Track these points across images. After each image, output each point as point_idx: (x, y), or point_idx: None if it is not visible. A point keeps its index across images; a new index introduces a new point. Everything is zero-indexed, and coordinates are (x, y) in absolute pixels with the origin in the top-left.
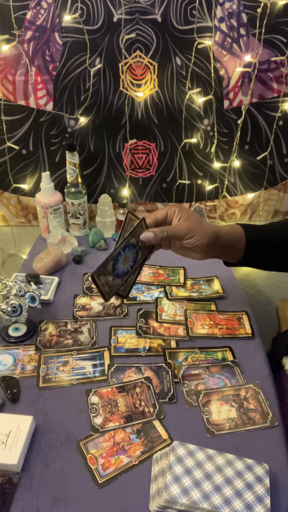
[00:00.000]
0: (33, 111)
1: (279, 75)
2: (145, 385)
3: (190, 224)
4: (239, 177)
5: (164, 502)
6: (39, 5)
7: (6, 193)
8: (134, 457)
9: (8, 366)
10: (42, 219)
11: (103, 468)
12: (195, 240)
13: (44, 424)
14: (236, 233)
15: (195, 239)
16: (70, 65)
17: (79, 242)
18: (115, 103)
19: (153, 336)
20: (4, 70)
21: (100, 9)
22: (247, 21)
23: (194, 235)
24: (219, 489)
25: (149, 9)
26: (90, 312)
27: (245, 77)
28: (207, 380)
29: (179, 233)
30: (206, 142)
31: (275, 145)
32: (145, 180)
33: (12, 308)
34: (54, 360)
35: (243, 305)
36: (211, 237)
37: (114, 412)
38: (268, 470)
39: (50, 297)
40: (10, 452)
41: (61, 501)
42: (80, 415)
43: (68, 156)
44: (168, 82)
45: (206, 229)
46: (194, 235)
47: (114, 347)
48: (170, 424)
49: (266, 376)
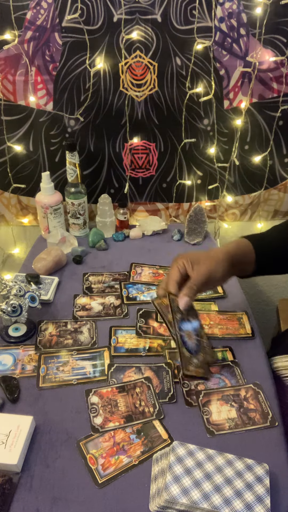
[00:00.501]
0: (33, 111)
1: (279, 75)
2: (145, 385)
3: (203, 265)
4: (239, 177)
5: (164, 502)
6: (39, 5)
7: (6, 193)
8: (134, 457)
9: (8, 366)
10: (42, 219)
11: (103, 468)
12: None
13: (44, 424)
14: (244, 246)
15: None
16: (70, 65)
17: (79, 242)
18: (115, 103)
19: (153, 336)
20: (4, 70)
21: (100, 9)
22: (247, 21)
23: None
24: (219, 489)
25: (149, 9)
26: (90, 312)
27: (245, 77)
28: (207, 380)
29: (203, 280)
30: (206, 142)
31: (275, 145)
32: (145, 180)
33: (12, 308)
34: (54, 360)
35: (243, 305)
36: (226, 262)
37: (114, 412)
38: (268, 470)
39: (50, 297)
40: (10, 452)
41: (61, 501)
42: (80, 415)
43: (68, 156)
44: (168, 82)
45: (218, 259)
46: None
47: (114, 347)
48: (170, 424)
49: (266, 376)
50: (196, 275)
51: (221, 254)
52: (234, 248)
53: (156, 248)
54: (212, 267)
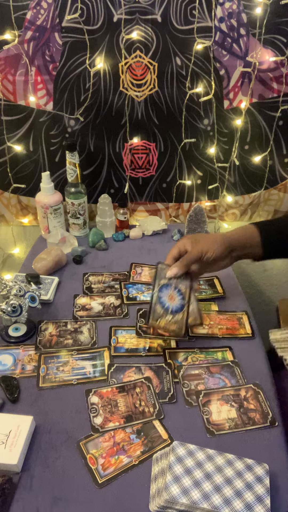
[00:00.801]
0: (33, 111)
1: (279, 75)
2: (145, 385)
3: (200, 244)
4: (239, 177)
5: (164, 502)
6: (39, 5)
7: (6, 193)
8: (134, 457)
9: (8, 366)
10: (42, 219)
11: (103, 468)
12: (212, 253)
13: (44, 424)
14: (249, 231)
15: (210, 253)
16: (70, 65)
17: (79, 242)
18: (115, 103)
19: (153, 336)
20: (4, 70)
21: (100, 9)
22: (247, 21)
23: (208, 250)
24: (219, 489)
25: (149, 9)
26: (90, 312)
27: (245, 77)
28: (207, 380)
29: (196, 256)
30: (206, 142)
31: (275, 145)
32: (145, 180)
33: (12, 308)
34: (54, 360)
35: (243, 305)
36: (223, 244)
37: (114, 412)
38: (268, 470)
39: (50, 297)
40: (10, 452)
41: (61, 501)
42: (80, 415)
43: (68, 156)
44: (168, 82)
45: (215, 240)
46: (208, 250)
47: (114, 347)
48: (170, 424)
49: (266, 376)
50: (190, 251)
51: (219, 236)
52: (236, 232)
53: (156, 248)
54: (206, 246)
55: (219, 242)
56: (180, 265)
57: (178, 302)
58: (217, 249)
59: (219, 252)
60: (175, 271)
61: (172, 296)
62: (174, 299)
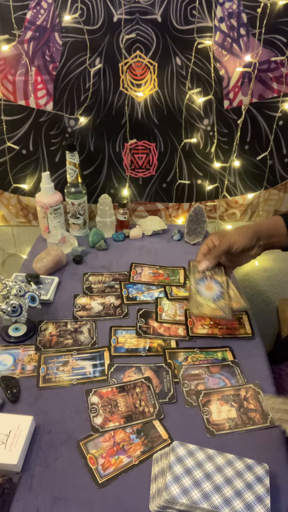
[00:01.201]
0: (33, 111)
1: (279, 75)
2: (145, 385)
3: (227, 237)
4: (239, 177)
5: (164, 502)
6: (39, 5)
7: (6, 193)
8: (134, 457)
9: (8, 366)
10: (42, 219)
11: (103, 468)
12: (240, 244)
13: (44, 424)
14: (275, 220)
15: (239, 244)
16: (70, 65)
17: (79, 242)
18: (115, 103)
19: (153, 336)
20: (4, 70)
21: (100, 9)
22: (247, 21)
23: (235, 241)
24: (219, 489)
25: (149, 9)
26: (90, 312)
27: (245, 77)
28: (207, 380)
29: (224, 247)
30: (206, 142)
31: (275, 145)
32: (145, 180)
33: (12, 308)
34: (54, 360)
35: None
36: (249, 233)
37: (114, 412)
38: (268, 470)
39: (50, 297)
40: (10, 452)
41: (61, 501)
42: (80, 415)
43: (68, 156)
44: (168, 82)
45: (242, 231)
46: (235, 241)
47: (114, 347)
48: (170, 424)
49: (266, 376)
50: (218, 244)
51: (245, 227)
52: (262, 221)
53: (156, 248)
54: (233, 238)
55: (245, 232)
56: (210, 257)
57: (218, 290)
58: (244, 239)
59: (247, 242)
60: (206, 264)
61: (210, 286)
62: (212, 289)
